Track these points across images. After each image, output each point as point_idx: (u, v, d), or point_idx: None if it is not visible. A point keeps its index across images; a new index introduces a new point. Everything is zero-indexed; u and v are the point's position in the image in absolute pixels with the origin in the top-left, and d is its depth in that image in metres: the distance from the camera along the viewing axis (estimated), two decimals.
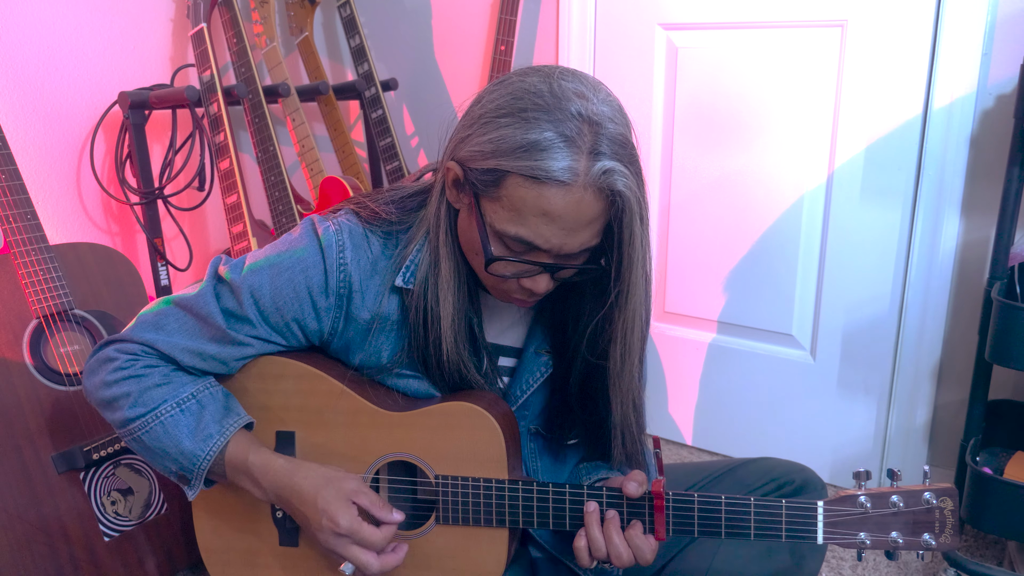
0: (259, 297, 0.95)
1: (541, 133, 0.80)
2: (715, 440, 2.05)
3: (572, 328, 0.99)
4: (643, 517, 0.92)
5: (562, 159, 0.80)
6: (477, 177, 0.85)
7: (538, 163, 0.80)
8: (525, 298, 0.92)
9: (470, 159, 0.85)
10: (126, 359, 0.96)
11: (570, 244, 0.85)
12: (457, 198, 0.91)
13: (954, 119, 1.60)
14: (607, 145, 0.81)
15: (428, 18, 2.22)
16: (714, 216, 1.92)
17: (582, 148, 0.80)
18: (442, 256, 0.93)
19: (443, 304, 0.93)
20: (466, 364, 0.97)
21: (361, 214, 0.97)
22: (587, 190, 0.81)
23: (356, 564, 0.92)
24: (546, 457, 1.08)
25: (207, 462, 0.95)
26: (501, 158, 0.82)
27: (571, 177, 0.80)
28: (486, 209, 0.86)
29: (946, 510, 0.87)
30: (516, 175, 0.82)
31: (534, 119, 0.81)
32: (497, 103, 0.84)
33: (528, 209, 0.82)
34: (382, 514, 0.93)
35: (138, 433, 0.95)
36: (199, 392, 0.97)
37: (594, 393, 1.00)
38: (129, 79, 1.98)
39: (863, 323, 1.79)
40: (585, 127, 0.81)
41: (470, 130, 0.86)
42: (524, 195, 0.82)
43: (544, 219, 0.83)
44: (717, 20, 1.83)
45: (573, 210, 0.82)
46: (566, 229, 0.83)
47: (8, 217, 1.38)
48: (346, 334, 0.99)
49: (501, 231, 0.85)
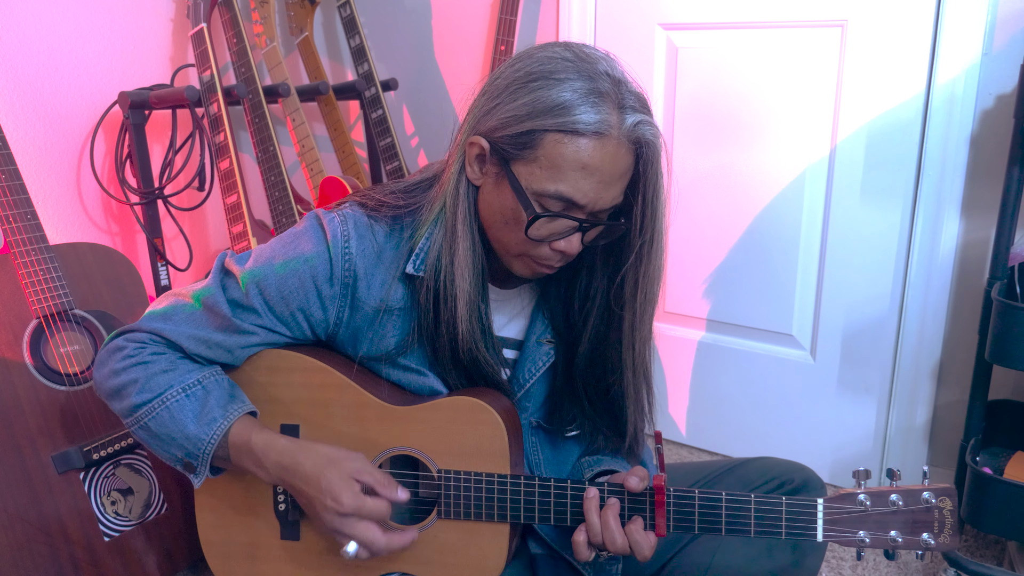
0: (265, 287, 0.97)
1: (575, 91, 0.85)
2: (715, 440, 2.06)
3: (581, 305, 1.01)
4: (644, 513, 0.93)
5: (597, 112, 0.85)
6: (509, 143, 0.88)
7: (576, 118, 0.84)
8: (553, 263, 0.94)
9: (499, 128, 0.88)
10: (134, 347, 0.98)
11: (604, 198, 0.89)
12: (480, 173, 0.93)
13: (954, 119, 1.60)
14: (633, 99, 0.87)
15: (428, 18, 2.23)
16: (714, 217, 1.92)
17: (613, 102, 0.86)
18: (460, 235, 0.94)
19: (459, 283, 0.94)
20: (478, 343, 0.97)
21: (367, 204, 0.98)
22: (620, 142, 0.86)
23: (361, 541, 0.92)
24: (548, 450, 1.09)
25: (211, 445, 0.96)
26: (536, 119, 0.86)
27: (607, 129, 0.85)
28: (520, 173, 0.88)
29: (945, 510, 0.87)
30: (554, 132, 0.85)
31: (567, 79, 0.85)
32: (524, 71, 0.88)
33: (567, 164, 0.86)
34: (387, 492, 0.93)
35: (145, 420, 0.97)
36: (205, 379, 0.98)
37: (602, 365, 1.01)
38: (129, 79, 1.98)
39: (863, 323, 1.79)
40: (612, 84, 0.86)
41: (496, 100, 0.89)
42: (563, 151, 0.85)
43: (583, 172, 0.86)
44: (717, 20, 1.83)
45: (610, 162, 0.86)
46: (603, 182, 0.87)
47: (8, 217, 1.38)
48: (352, 323, 0.99)
49: (540, 191, 0.88)
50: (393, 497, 0.93)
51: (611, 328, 1.00)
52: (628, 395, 1.01)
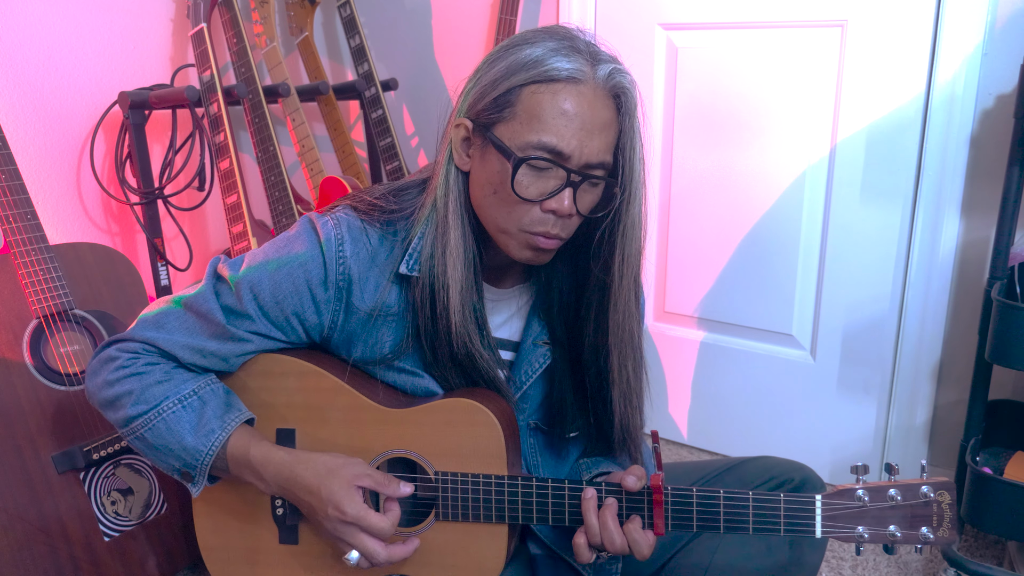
0: (259, 292, 0.96)
1: (547, 48, 0.88)
2: (714, 440, 2.06)
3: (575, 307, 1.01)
4: (642, 512, 0.93)
5: (571, 62, 0.87)
6: (490, 110, 0.90)
7: (550, 66, 0.87)
8: (548, 228, 0.91)
9: (479, 100, 0.91)
10: (127, 358, 0.97)
11: (589, 148, 0.88)
12: (466, 156, 0.94)
13: (954, 119, 1.60)
14: (605, 55, 0.91)
15: (428, 18, 2.23)
16: (714, 216, 1.92)
17: (586, 56, 0.89)
18: (451, 224, 0.94)
19: (451, 272, 0.94)
20: (472, 336, 0.96)
21: (358, 207, 0.98)
22: (597, 90, 0.88)
23: (363, 552, 0.92)
24: (547, 452, 1.09)
25: (210, 457, 0.95)
26: (511, 77, 0.88)
27: (582, 75, 0.87)
28: (502, 134, 0.89)
29: (944, 503, 0.87)
30: (530, 84, 0.88)
31: (540, 40, 0.89)
32: (500, 48, 0.92)
33: (546, 112, 0.87)
34: (390, 489, 0.93)
35: (141, 431, 0.96)
36: (200, 388, 0.97)
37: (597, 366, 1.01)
38: (129, 79, 1.98)
39: (863, 323, 1.79)
40: (585, 44, 0.90)
41: (473, 81, 0.93)
42: (541, 100, 0.87)
43: (563, 119, 0.87)
44: (717, 20, 1.83)
45: (588, 106, 0.87)
46: (584, 129, 0.87)
47: (8, 217, 1.38)
48: (347, 327, 0.99)
49: (523, 144, 0.88)
50: (396, 493, 0.93)
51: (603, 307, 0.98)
52: (614, 381, 1.00)
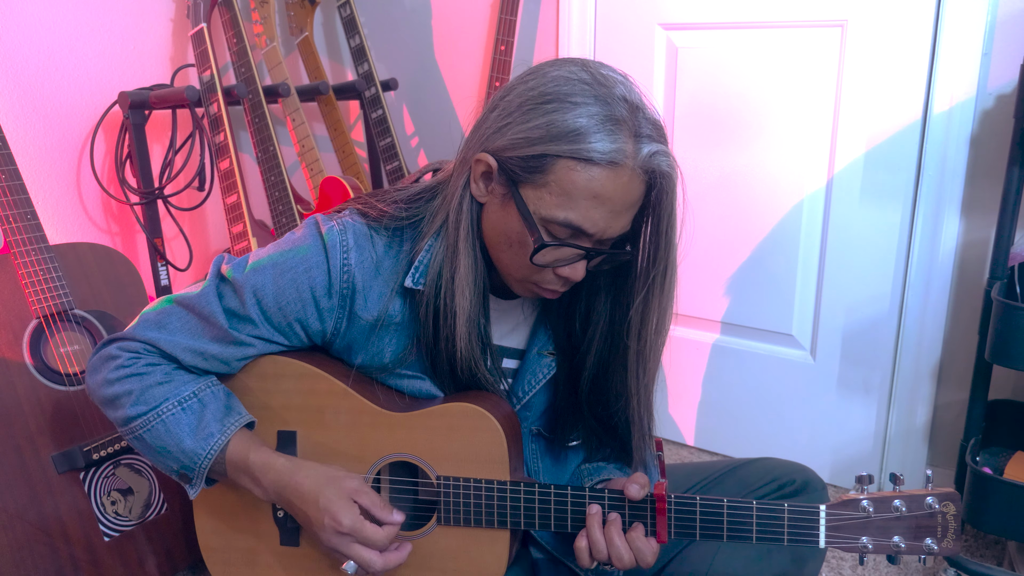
0: (262, 297, 0.95)
1: (590, 116, 0.82)
2: (715, 440, 2.06)
3: (583, 325, 0.99)
4: (645, 519, 0.92)
5: (613, 141, 0.82)
6: (519, 165, 0.85)
7: (591, 145, 0.82)
8: (556, 288, 0.92)
9: (509, 148, 0.86)
10: (128, 357, 0.96)
11: (613, 228, 0.87)
12: (485, 192, 0.90)
13: (954, 119, 1.60)
14: (649, 127, 0.85)
15: (428, 18, 2.22)
16: (715, 216, 1.92)
17: (630, 130, 0.83)
18: (461, 252, 0.92)
19: (459, 300, 0.92)
20: (477, 362, 0.96)
21: (369, 214, 0.96)
22: (634, 172, 0.84)
23: (359, 562, 0.92)
24: (548, 458, 1.08)
25: (208, 460, 0.95)
26: (549, 143, 0.83)
27: (622, 158, 0.83)
28: (528, 197, 0.86)
29: (948, 515, 0.86)
30: (567, 159, 0.83)
31: (583, 103, 0.83)
32: (538, 91, 0.85)
33: (579, 192, 0.83)
34: (382, 515, 0.93)
35: (140, 431, 0.95)
36: (200, 391, 0.97)
37: (605, 390, 1.00)
38: (129, 79, 1.98)
39: (863, 323, 1.79)
40: (629, 110, 0.84)
41: (507, 120, 0.86)
42: (575, 178, 0.83)
43: (594, 202, 0.84)
44: (717, 20, 1.83)
45: (623, 191, 0.84)
46: (614, 212, 0.85)
47: (8, 217, 1.38)
48: (349, 334, 0.98)
49: (548, 217, 0.86)
50: (388, 520, 0.92)
51: (616, 354, 0.98)
52: (633, 421, 1.00)
